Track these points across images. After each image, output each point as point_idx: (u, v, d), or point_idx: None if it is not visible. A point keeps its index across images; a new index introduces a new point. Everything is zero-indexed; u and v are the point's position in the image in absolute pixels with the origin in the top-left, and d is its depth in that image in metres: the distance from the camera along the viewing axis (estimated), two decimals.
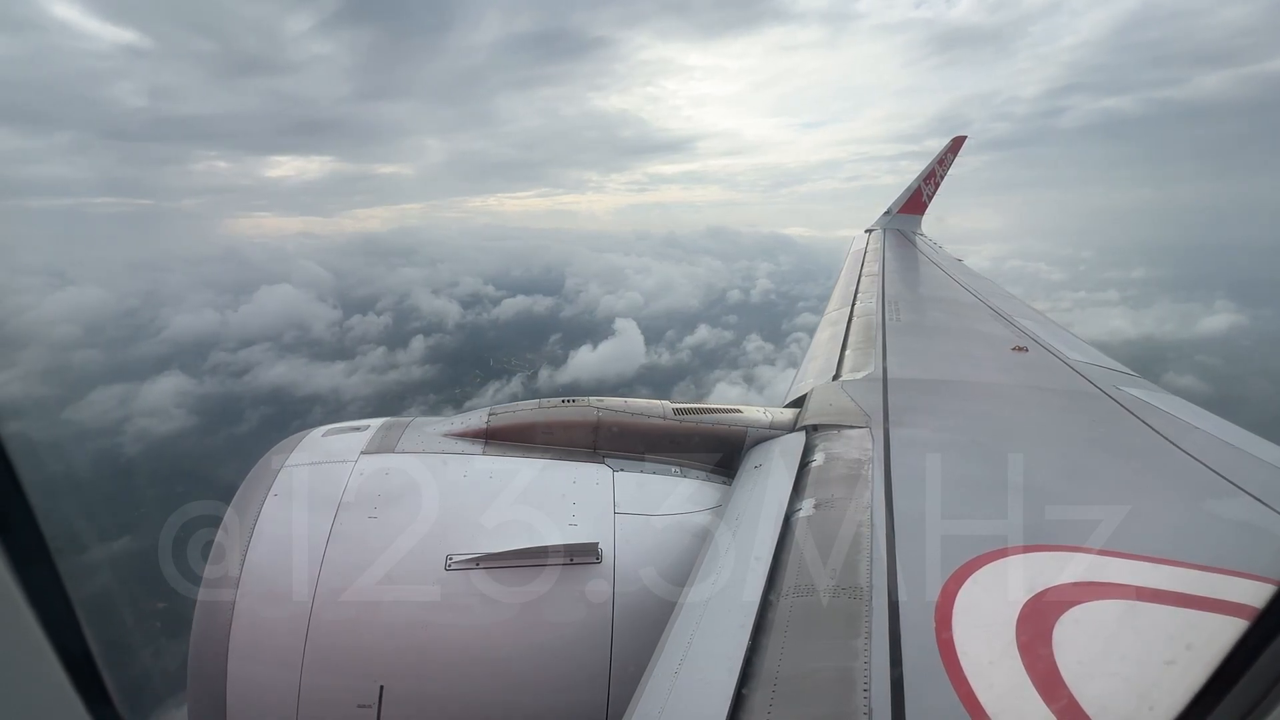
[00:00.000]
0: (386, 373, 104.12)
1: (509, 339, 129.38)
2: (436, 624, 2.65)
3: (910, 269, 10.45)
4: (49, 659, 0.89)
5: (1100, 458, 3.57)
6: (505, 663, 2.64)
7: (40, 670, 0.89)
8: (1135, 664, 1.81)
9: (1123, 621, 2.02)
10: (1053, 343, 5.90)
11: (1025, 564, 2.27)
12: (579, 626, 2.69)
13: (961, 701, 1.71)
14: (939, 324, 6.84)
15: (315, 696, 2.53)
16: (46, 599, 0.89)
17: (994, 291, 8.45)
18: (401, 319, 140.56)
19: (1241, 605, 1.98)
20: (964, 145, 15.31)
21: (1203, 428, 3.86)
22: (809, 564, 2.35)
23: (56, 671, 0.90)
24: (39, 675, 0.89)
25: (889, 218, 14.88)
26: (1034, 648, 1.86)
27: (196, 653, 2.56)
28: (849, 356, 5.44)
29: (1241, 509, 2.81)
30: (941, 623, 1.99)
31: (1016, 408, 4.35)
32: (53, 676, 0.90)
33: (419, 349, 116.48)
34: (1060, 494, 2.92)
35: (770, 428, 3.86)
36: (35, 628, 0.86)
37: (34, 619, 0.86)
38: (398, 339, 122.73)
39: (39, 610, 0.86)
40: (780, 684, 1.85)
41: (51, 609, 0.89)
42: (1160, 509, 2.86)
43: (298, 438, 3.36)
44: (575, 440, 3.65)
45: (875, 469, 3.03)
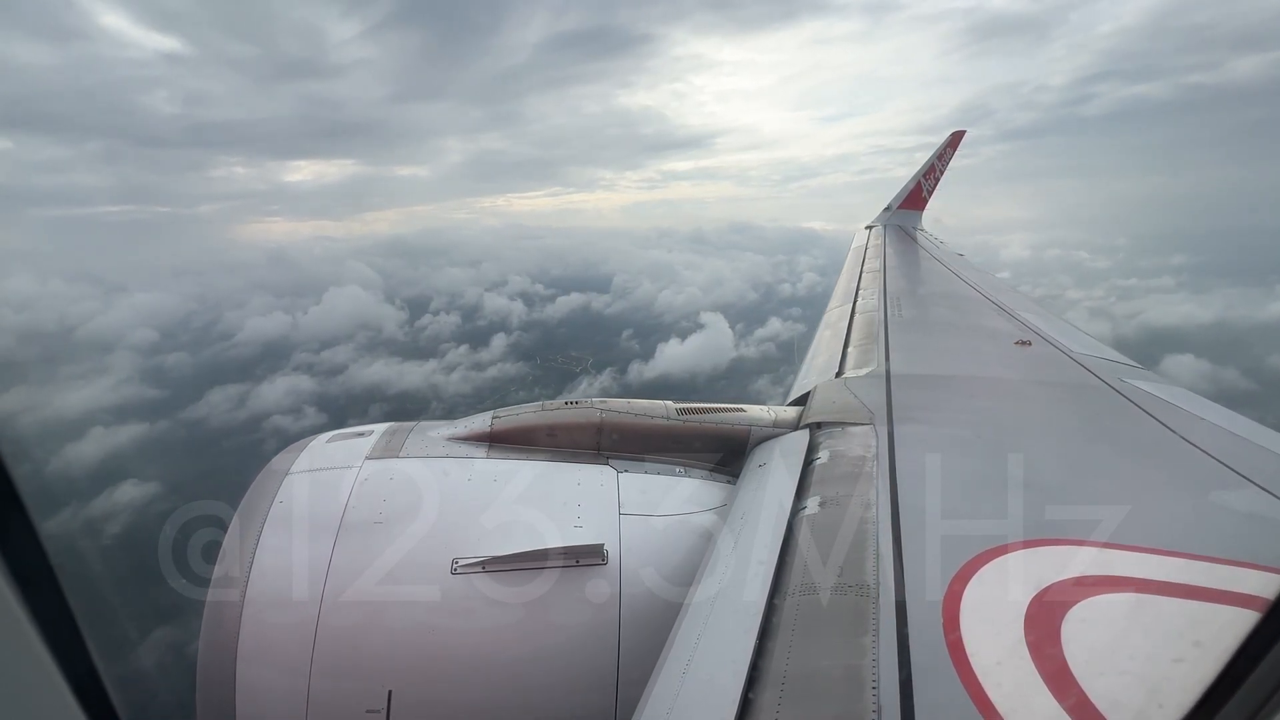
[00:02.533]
0: (486, 369, 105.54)
1: (580, 335, 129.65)
2: (443, 628, 2.65)
3: (912, 265, 10.44)
4: (55, 680, 0.88)
5: (1105, 450, 3.56)
6: (512, 666, 2.63)
7: (46, 691, 0.88)
8: (1145, 658, 1.80)
9: (1132, 615, 2.01)
10: (1055, 336, 5.88)
11: (1032, 559, 2.26)
12: (586, 628, 2.69)
13: (971, 699, 1.70)
14: (941, 319, 6.83)
15: (324, 701, 2.53)
16: (49, 615, 0.88)
17: (996, 286, 8.44)
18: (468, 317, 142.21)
19: (1252, 596, 1.97)
20: (963, 140, 15.29)
21: (1208, 418, 3.84)
22: (814, 563, 2.34)
23: (64, 693, 0.89)
24: (44, 696, 0.89)
25: (889, 214, 14.86)
26: (1043, 643, 1.85)
27: (205, 659, 2.57)
28: (852, 353, 5.43)
29: (1249, 500, 2.80)
30: (949, 620, 1.98)
31: (1020, 402, 4.34)
32: (59, 698, 0.89)
33: (500, 346, 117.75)
34: (1066, 488, 2.90)
35: (774, 426, 3.85)
36: (39, 645, 0.86)
37: (36, 635, 0.85)
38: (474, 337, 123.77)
39: (42, 627, 0.85)
40: (788, 684, 1.84)
41: (54, 625, 0.89)
42: (1166, 501, 2.85)
43: (302, 444, 3.37)
44: (579, 442, 3.65)
45: (879, 466, 3.02)
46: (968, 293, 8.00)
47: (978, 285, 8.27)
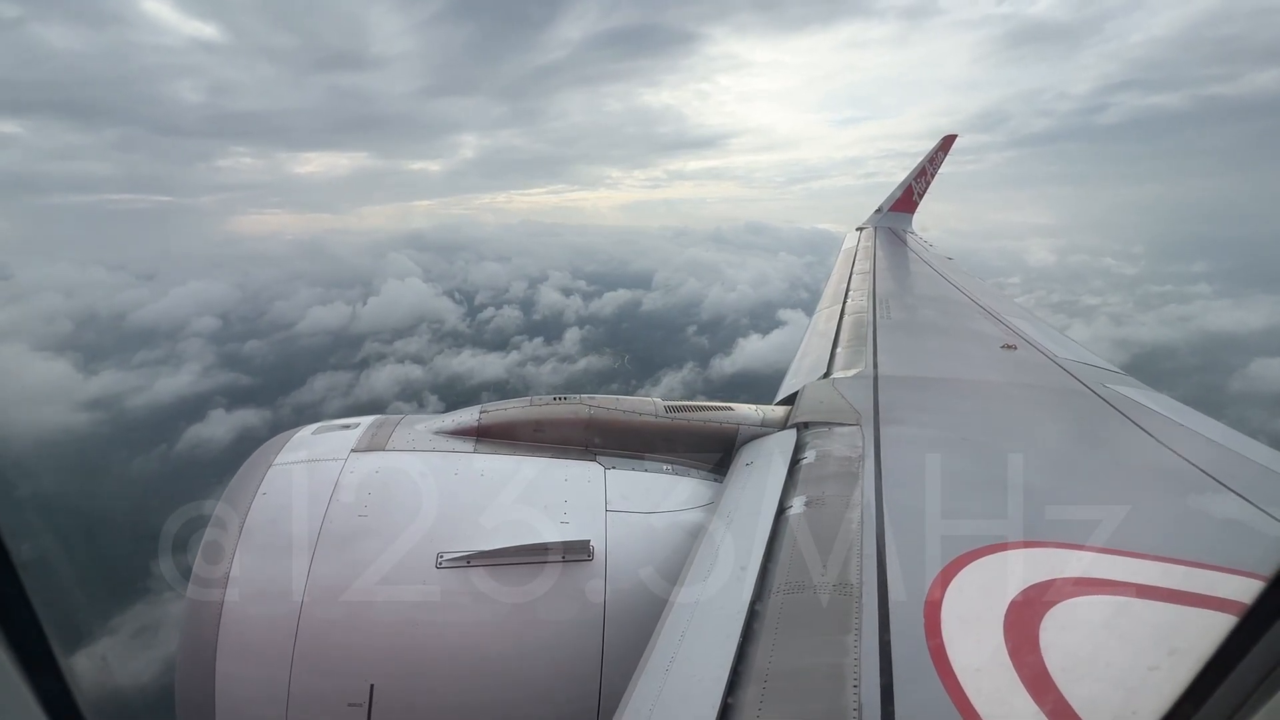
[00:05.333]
0: (577, 361, 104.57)
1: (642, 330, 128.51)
2: (427, 622, 2.63)
3: (901, 267, 10.50)
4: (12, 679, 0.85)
5: (1088, 455, 3.60)
6: (496, 660, 2.63)
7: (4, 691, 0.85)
8: (1123, 659, 1.83)
9: (1110, 617, 2.04)
10: (1041, 341, 5.95)
11: (1014, 560, 2.28)
12: (571, 624, 2.69)
13: (950, 697, 1.72)
14: (929, 322, 6.88)
15: (305, 695, 2.51)
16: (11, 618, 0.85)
17: (983, 290, 8.52)
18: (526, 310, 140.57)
19: (1229, 601, 2.01)
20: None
21: (1189, 425, 3.90)
22: (800, 561, 2.35)
23: (22, 692, 0.87)
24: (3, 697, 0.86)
25: (880, 216, 14.93)
26: (1022, 644, 1.87)
27: (185, 652, 2.54)
28: (840, 354, 5.46)
29: (1227, 506, 2.84)
30: (931, 619, 2.00)
31: (1005, 405, 4.38)
32: (18, 697, 0.87)
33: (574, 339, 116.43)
34: (1048, 491, 2.94)
35: (762, 425, 3.86)
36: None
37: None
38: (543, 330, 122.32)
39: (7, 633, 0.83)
40: (771, 681, 1.85)
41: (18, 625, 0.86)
42: (1147, 506, 2.89)
43: (287, 435, 3.33)
44: (567, 438, 3.64)
45: (866, 466, 3.04)
46: (956, 296, 8.07)
47: (966, 289, 8.35)
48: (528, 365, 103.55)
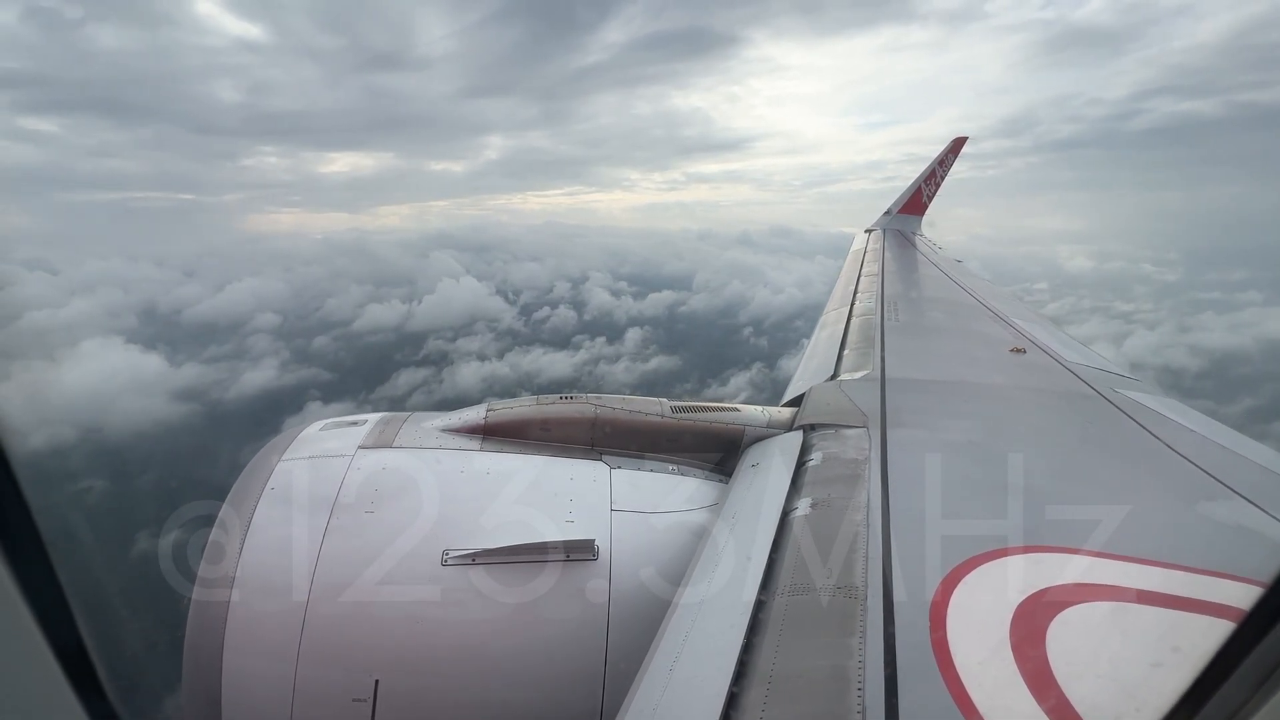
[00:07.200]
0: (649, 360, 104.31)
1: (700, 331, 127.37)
2: (432, 619, 2.65)
3: (909, 269, 10.46)
4: (44, 654, 0.89)
5: (1095, 459, 3.58)
6: (500, 658, 2.64)
7: (35, 666, 0.89)
8: (1126, 665, 1.82)
9: (1115, 623, 2.03)
10: (1050, 344, 5.91)
11: (1020, 565, 2.28)
12: (575, 623, 2.70)
13: (954, 700, 1.72)
14: (937, 324, 6.85)
15: (310, 690, 2.53)
16: (42, 595, 0.89)
17: (992, 293, 8.47)
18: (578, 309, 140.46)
19: (1230, 607, 2.00)
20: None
21: (1196, 429, 3.87)
22: (805, 563, 2.36)
23: (51, 667, 0.90)
24: (34, 671, 0.89)
25: (889, 218, 14.87)
26: (1027, 648, 1.87)
27: (192, 647, 2.57)
28: (847, 356, 5.45)
29: (1233, 511, 2.83)
30: (936, 622, 2.00)
31: (1013, 409, 4.36)
32: (48, 672, 0.90)
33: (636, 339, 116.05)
34: (1055, 495, 2.93)
35: (768, 427, 3.86)
36: (31, 623, 0.86)
37: (30, 614, 0.86)
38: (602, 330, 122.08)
39: (34, 606, 0.86)
40: (775, 682, 1.86)
41: (47, 604, 0.89)
42: (1154, 511, 2.88)
43: (294, 432, 3.36)
44: (573, 437, 3.65)
45: (872, 469, 3.04)
46: (964, 299, 8.03)
47: (974, 292, 8.30)
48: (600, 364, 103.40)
